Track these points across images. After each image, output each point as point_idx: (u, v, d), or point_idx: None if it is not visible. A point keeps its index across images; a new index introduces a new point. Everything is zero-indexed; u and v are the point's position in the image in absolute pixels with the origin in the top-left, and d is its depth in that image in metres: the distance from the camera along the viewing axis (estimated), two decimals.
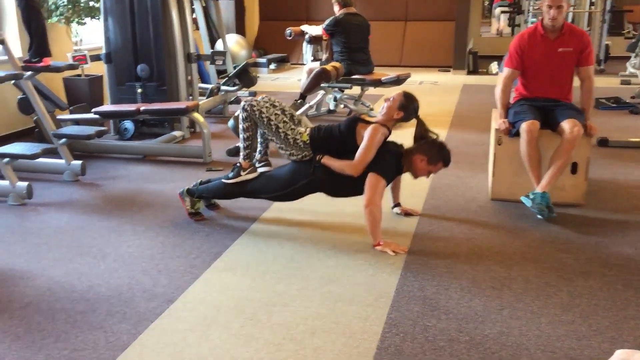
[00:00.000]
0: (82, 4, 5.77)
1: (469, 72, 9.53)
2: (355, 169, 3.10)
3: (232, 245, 3.15)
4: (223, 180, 3.40)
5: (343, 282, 2.72)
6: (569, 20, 14.52)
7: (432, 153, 3.17)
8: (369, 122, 3.20)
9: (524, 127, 3.47)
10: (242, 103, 3.32)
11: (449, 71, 9.64)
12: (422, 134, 3.27)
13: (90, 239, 3.25)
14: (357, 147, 3.13)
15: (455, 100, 7.29)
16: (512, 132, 3.59)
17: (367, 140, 3.11)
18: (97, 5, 5.84)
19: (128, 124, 5.40)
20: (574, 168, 3.59)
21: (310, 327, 2.35)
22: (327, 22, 5.91)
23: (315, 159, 3.20)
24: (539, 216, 3.37)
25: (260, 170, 3.45)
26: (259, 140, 3.58)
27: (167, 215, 3.59)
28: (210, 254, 3.04)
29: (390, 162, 3.16)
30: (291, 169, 3.31)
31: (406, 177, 3.37)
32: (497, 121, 3.72)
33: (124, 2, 5.24)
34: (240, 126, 3.34)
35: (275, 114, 3.28)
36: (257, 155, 3.58)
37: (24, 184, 3.77)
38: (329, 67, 5.34)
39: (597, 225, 3.39)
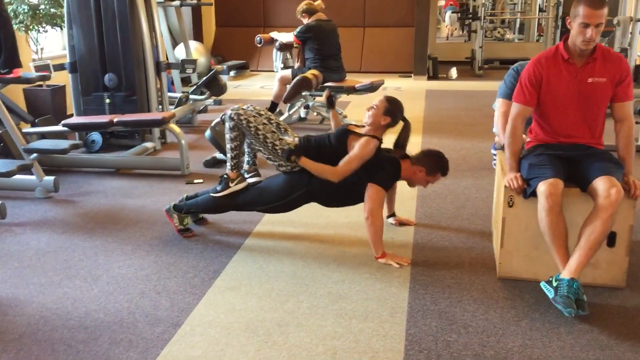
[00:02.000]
0: (42, 12, 5.51)
1: (430, 78, 9.65)
2: (336, 175, 3.05)
3: (230, 262, 3.04)
4: (212, 194, 3.28)
5: (353, 297, 2.66)
6: (517, 25, 15.03)
7: (431, 164, 3.14)
8: (360, 135, 3.15)
9: (543, 189, 2.56)
10: (228, 112, 3.20)
11: (410, 77, 9.73)
12: (406, 135, 3.23)
13: (76, 261, 3.07)
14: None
15: (422, 105, 7.35)
16: (528, 192, 2.68)
17: (357, 150, 3.06)
18: (58, 12, 5.59)
19: (96, 136, 5.18)
20: (612, 239, 2.67)
21: (330, 348, 2.28)
22: (298, 28, 5.85)
23: (290, 157, 3.10)
24: (565, 314, 2.43)
25: (250, 181, 3.35)
26: (245, 150, 3.49)
27: (154, 232, 3.44)
28: (208, 272, 2.92)
29: (388, 172, 3.11)
30: (285, 179, 3.22)
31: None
32: (507, 175, 2.80)
33: (89, 8, 5.03)
34: (227, 135, 3.23)
35: (263, 124, 3.19)
36: (245, 166, 3.48)
37: None
38: (309, 75, 5.27)
39: None
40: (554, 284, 2.48)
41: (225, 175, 3.27)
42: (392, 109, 3.16)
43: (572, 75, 2.71)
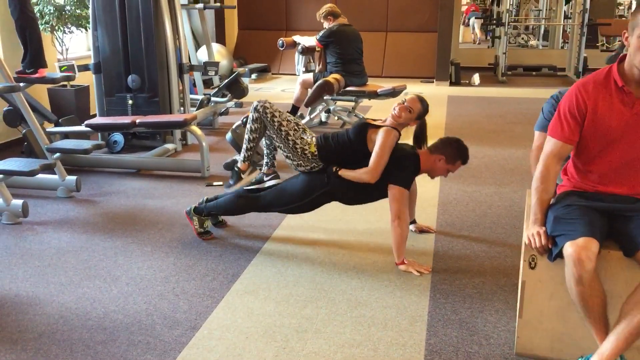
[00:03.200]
0: (68, 13, 5.56)
1: (452, 83, 9.57)
2: (372, 175, 3.01)
3: (249, 266, 3.03)
4: (225, 189, 3.30)
5: (372, 305, 2.62)
6: (541, 32, 14.88)
7: (450, 152, 3.10)
8: (378, 126, 3.12)
9: (570, 251, 1.98)
10: (255, 103, 3.21)
11: (432, 82, 9.66)
12: (423, 132, 3.21)
13: (96, 261, 3.08)
14: (369, 152, 3.05)
15: (444, 111, 7.29)
16: (553, 252, 2.10)
17: (380, 144, 3.02)
18: (84, 13, 5.65)
19: (118, 137, 5.22)
20: None
21: (349, 356, 2.25)
22: (321, 33, 5.83)
23: (330, 171, 3.10)
24: None
25: (268, 184, 3.34)
26: (265, 151, 3.48)
27: (173, 234, 3.45)
28: (227, 276, 2.91)
29: (408, 168, 3.07)
30: (305, 179, 3.20)
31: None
32: (529, 228, 2.23)
33: (114, 10, 5.07)
34: (248, 126, 3.23)
35: (287, 121, 3.19)
36: (264, 168, 3.47)
37: (19, 202, 3.58)
38: (331, 79, 5.25)
39: None
40: None
41: (236, 169, 3.28)
42: (424, 114, 3.18)
43: (627, 107, 2.13)
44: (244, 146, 3.28)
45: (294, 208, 3.24)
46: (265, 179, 3.41)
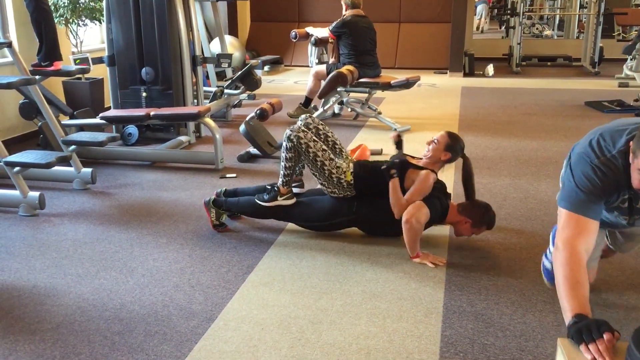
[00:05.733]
0: (82, 5, 5.59)
1: (465, 74, 9.51)
2: (400, 209, 2.99)
3: (263, 257, 3.04)
4: (258, 202, 3.26)
5: (387, 297, 2.62)
6: (556, 22, 14.72)
7: (477, 217, 3.07)
8: (419, 167, 3.11)
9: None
10: (288, 132, 3.14)
11: (446, 73, 9.60)
12: (468, 172, 3.16)
13: (112, 252, 3.11)
14: (405, 190, 3.05)
15: (458, 103, 7.24)
16: None
17: (419, 184, 3.03)
18: (98, 6, 5.67)
19: (132, 129, 5.24)
20: None
21: (364, 347, 2.25)
22: (334, 24, 5.81)
23: (391, 170, 3.07)
24: None
25: (293, 190, 3.32)
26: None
27: (188, 226, 3.46)
28: (242, 267, 2.92)
29: (437, 208, 3.06)
30: (333, 202, 3.21)
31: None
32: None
33: (128, 3, 5.09)
34: (283, 155, 3.19)
35: (323, 150, 3.14)
36: None
37: (36, 194, 3.61)
38: (344, 70, 5.23)
39: None
40: None
41: (275, 188, 3.24)
42: (453, 145, 3.14)
43: None
44: (282, 172, 3.21)
45: (314, 226, 3.28)
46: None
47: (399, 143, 3.48)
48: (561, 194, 2.04)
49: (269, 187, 3.28)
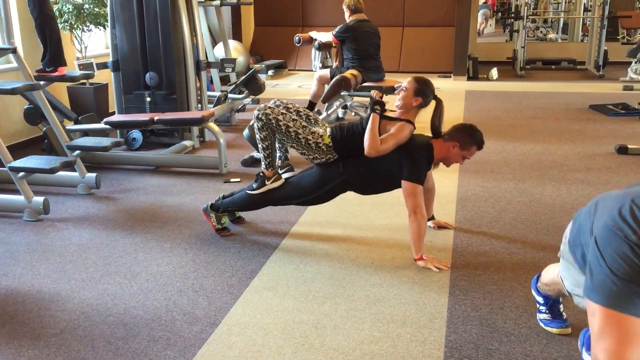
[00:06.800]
0: (87, 11, 5.61)
1: (469, 78, 9.50)
2: (370, 150, 3.01)
3: (267, 262, 3.03)
4: (248, 192, 3.29)
5: (391, 301, 2.62)
6: (560, 25, 14.70)
7: (464, 137, 3.07)
8: (393, 119, 3.10)
9: None
10: (256, 112, 3.18)
11: (449, 77, 9.59)
12: (439, 112, 3.16)
13: (116, 257, 3.11)
14: None
15: (462, 106, 7.23)
16: None
17: (393, 132, 3.04)
18: (102, 12, 5.69)
19: (136, 134, 5.25)
20: None
21: (368, 352, 2.24)
22: (337, 28, 5.81)
23: (375, 106, 3.07)
24: None
25: (284, 176, 3.34)
26: (276, 146, 3.48)
27: (192, 230, 3.46)
28: (245, 272, 2.92)
29: (421, 160, 3.05)
30: (320, 171, 3.21)
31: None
32: None
33: (132, 9, 5.10)
34: (257, 136, 3.22)
35: (293, 120, 3.17)
36: (278, 162, 3.47)
37: (40, 199, 3.62)
38: (348, 75, 5.23)
39: None
40: None
41: (261, 174, 3.27)
42: (422, 89, 3.12)
43: None
44: (261, 155, 3.25)
45: (310, 199, 3.26)
46: (280, 171, 3.41)
47: (379, 102, 3.24)
48: (590, 283, 1.54)
49: (256, 176, 3.30)
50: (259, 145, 3.24)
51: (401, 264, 2.98)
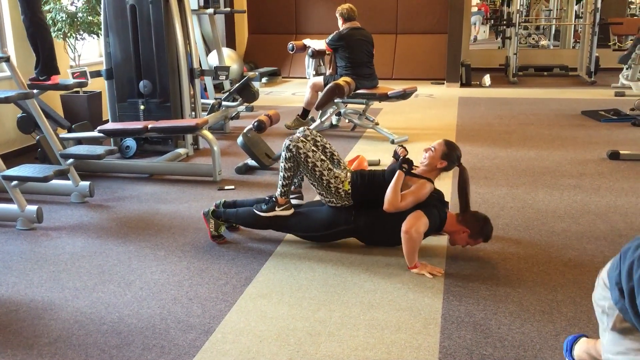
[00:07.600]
0: (80, 20, 5.61)
1: (462, 85, 9.54)
2: (390, 206, 3.01)
3: (261, 269, 3.03)
4: (256, 212, 3.27)
5: (385, 307, 2.62)
6: (552, 32, 14.79)
7: (475, 229, 3.07)
8: (416, 175, 3.12)
9: None
10: (287, 142, 3.15)
11: (443, 84, 9.64)
12: (464, 181, 3.13)
13: (110, 266, 3.10)
14: None
15: (455, 113, 7.26)
16: None
17: (415, 189, 3.04)
18: (95, 20, 5.70)
19: (130, 142, 5.25)
20: None
21: (362, 359, 2.24)
22: (330, 36, 5.84)
23: (402, 165, 3.06)
24: None
25: (292, 202, 3.32)
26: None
27: (186, 238, 3.46)
28: (240, 279, 2.92)
29: (435, 217, 3.05)
30: (331, 212, 3.21)
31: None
32: None
33: (125, 17, 5.11)
34: (282, 164, 3.20)
35: (321, 160, 3.16)
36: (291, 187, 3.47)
37: (34, 207, 3.61)
38: (341, 82, 5.25)
39: None
40: None
41: (274, 198, 3.25)
42: (450, 154, 3.14)
43: None
44: (280, 182, 3.22)
45: (312, 236, 3.28)
46: (290, 197, 3.40)
47: (408, 161, 3.22)
48: None
49: (267, 198, 3.29)
50: (281, 173, 3.21)
51: (395, 271, 2.98)
